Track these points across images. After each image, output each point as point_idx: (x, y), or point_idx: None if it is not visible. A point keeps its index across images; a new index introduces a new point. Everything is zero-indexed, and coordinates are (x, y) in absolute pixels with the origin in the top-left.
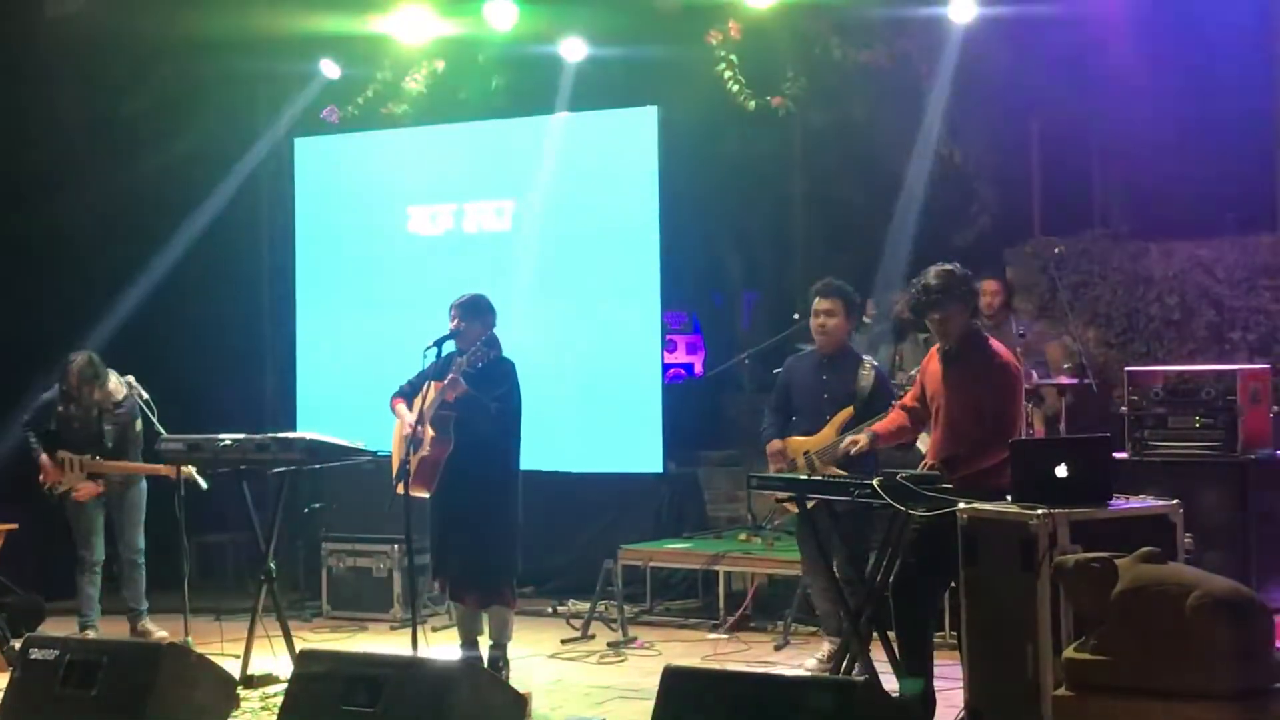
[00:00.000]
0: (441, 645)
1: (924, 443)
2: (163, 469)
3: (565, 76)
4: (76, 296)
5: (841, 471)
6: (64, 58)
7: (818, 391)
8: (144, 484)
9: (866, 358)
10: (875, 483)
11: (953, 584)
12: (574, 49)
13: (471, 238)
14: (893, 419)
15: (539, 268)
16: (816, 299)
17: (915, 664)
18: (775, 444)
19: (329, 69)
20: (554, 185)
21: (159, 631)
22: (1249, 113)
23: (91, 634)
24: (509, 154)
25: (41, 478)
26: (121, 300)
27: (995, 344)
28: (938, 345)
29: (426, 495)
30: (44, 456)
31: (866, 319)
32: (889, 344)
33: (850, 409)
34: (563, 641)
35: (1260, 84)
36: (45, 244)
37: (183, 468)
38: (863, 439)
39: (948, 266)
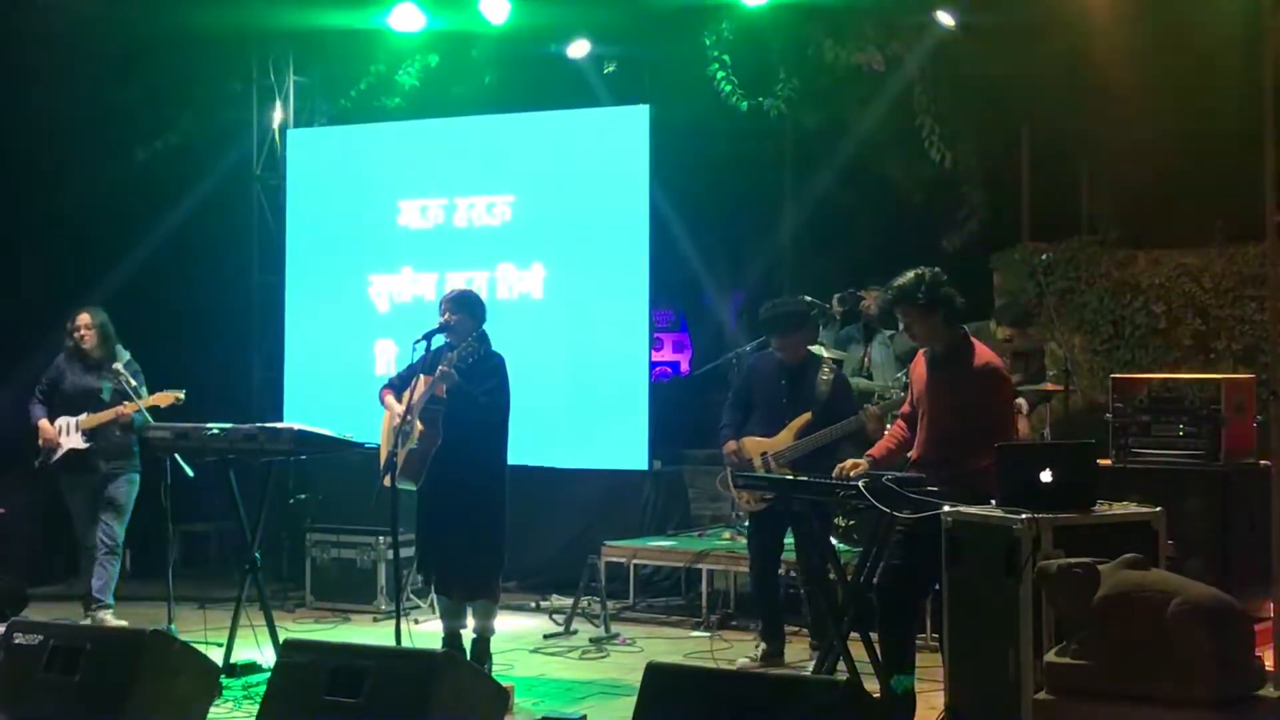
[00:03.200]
0: (424, 637)
1: None
2: (154, 399)
3: (558, 73)
4: (65, 285)
5: (793, 474)
6: (54, 45)
7: (778, 397)
8: (136, 477)
9: (826, 360)
10: (861, 485)
11: (936, 586)
12: (568, 46)
13: (461, 232)
14: (891, 435)
15: (528, 263)
16: (774, 338)
17: (896, 664)
18: (731, 444)
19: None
20: (545, 181)
21: (115, 624)
22: (1237, 122)
23: (108, 615)
24: (500, 149)
25: (40, 441)
26: (110, 288)
27: (981, 348)
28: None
29: (414, 488)
30: (43, 420)
31: (835, 315)
32: (858, 343)
33: (808, 414)
34: (545, 636)
35: (1249, 93)
36: (34, 232)
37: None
38: (863, 463)
39: (919, 270)
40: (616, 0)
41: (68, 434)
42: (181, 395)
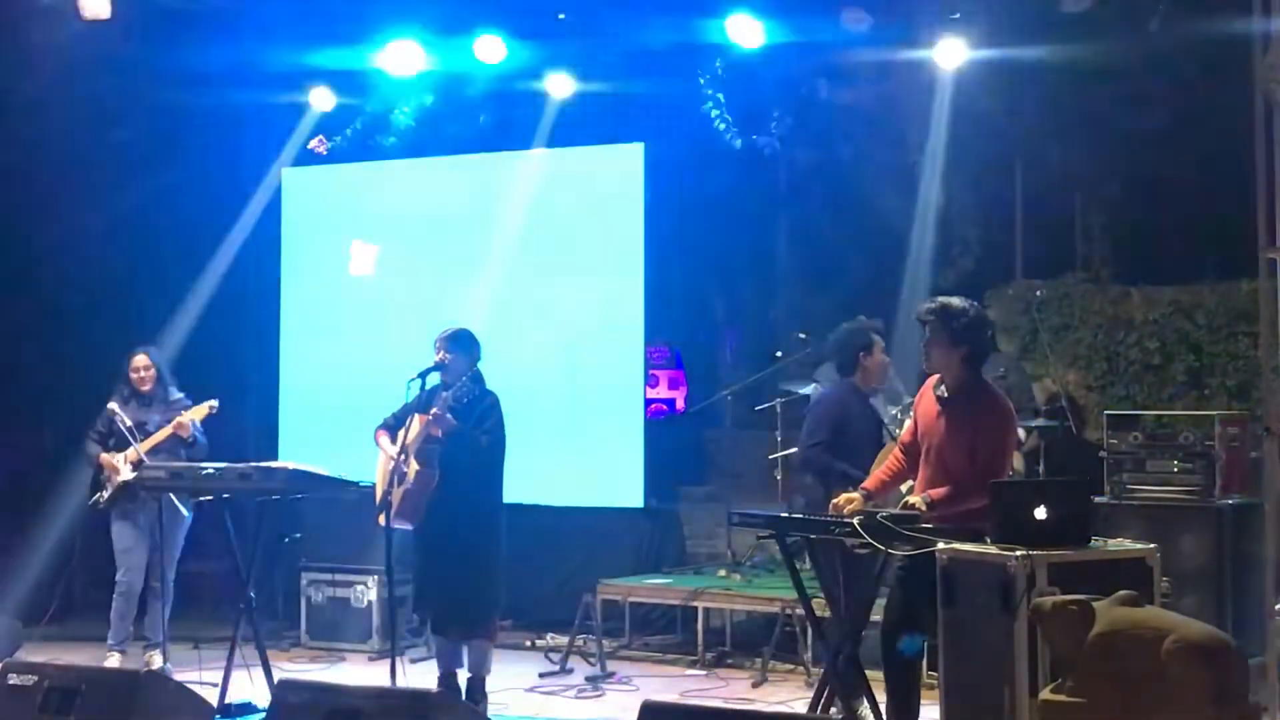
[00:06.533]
0: (419, 677)
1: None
2: (190, 413)
3: (553, 112)
4: (60, 324)
5: None
6: (53, 84)
7: (876, 432)
8: (189, 515)
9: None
10: (855, 522)
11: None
12: (562, 85)
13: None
14: (886, 467)
15: (524, 301)
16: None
17: (902, 704)
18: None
19: (319, 100)
20: (541, 219)
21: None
22: (1230, 160)
23: (116, 657)
24: (495, 187)
25: (103, 475)
26: (105, 327)
27: (991, 387)
28: (931, 381)
29: (410, 528)
30: (102, 454)
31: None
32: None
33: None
34: (541, 675)
35: (1241, 132)
36: (30, 272)
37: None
38: (857, 498)
39: (972, 302)
40: (611, 40)
41: (119, 467)
42: (215, 404)
